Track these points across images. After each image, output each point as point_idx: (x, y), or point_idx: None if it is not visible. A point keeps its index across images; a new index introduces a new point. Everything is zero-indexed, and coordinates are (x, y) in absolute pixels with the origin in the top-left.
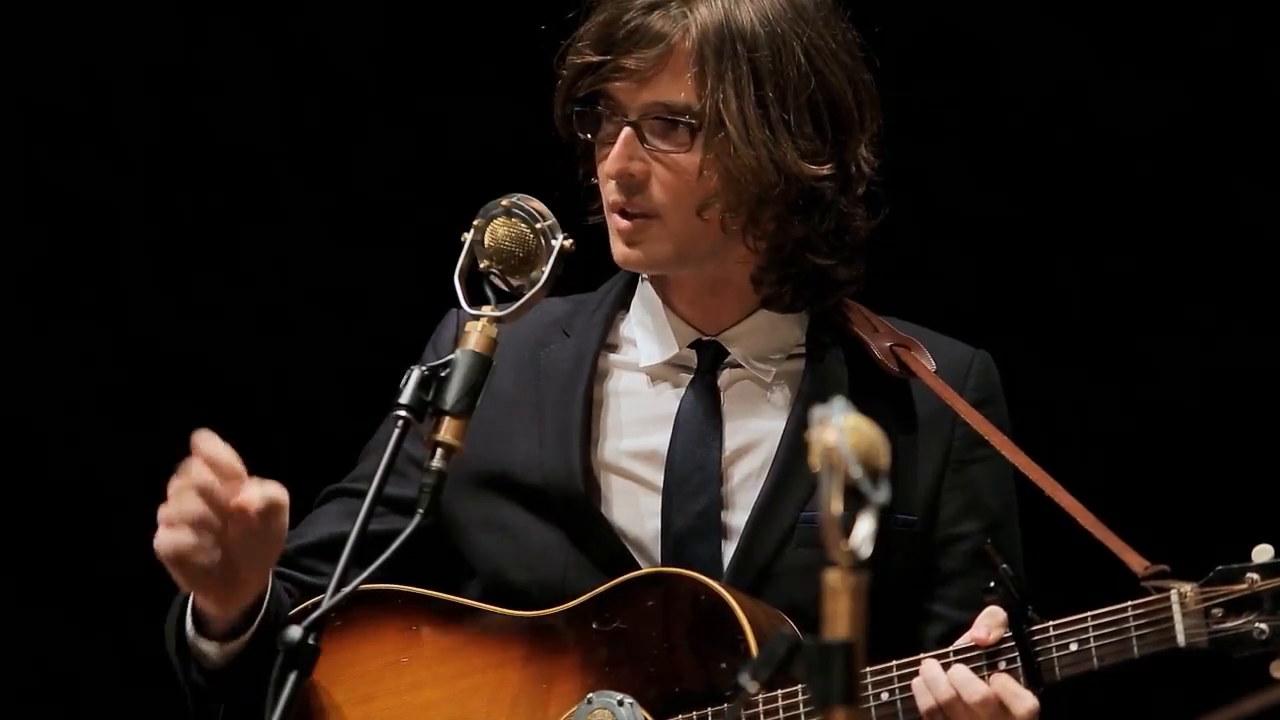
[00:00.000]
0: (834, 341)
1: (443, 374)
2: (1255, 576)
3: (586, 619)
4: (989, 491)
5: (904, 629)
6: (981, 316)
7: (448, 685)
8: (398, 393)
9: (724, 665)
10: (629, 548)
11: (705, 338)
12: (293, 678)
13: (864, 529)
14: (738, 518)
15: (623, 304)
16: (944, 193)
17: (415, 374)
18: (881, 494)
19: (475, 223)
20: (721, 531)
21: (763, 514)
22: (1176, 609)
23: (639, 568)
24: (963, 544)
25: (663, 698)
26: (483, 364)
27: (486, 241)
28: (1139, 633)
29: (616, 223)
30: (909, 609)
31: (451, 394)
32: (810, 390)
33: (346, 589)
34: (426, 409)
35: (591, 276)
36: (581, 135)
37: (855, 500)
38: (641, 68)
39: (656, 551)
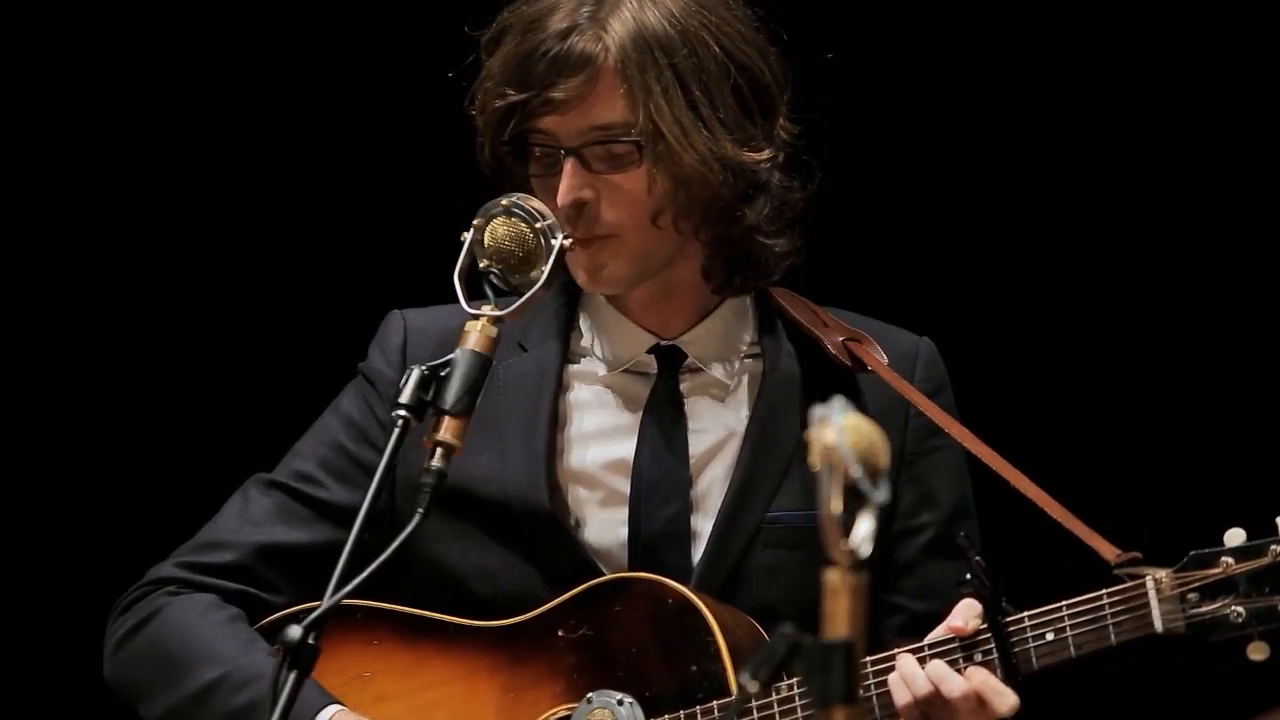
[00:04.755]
0: (784, 339)
1: (442, 374)
2: (1230, 560)
3: (552, 627)
4: (944, 483)
5: (866, 622)
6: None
7: (413, 698)
8: (396, 392)
9: (694, 668)
10: (595, 559)
11: (663, 342)
12: (293, 678)
13: (864, 529)
14: (706, 522)
15: (573, 312)
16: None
17: (415, 373)
18: (881, 494)
19: (475, 222)
20: (691, 537)
21: (730, 517)
22: (1153, 595)
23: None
24: (920, 536)
25: (634, 702)
26: (482, 364)
27: (486, 241)
28: (1115, 620)
29: (578, 250)
30: (870, 602)
31: (451, 393)
32: (768, 390)
33: (346, 588)
34: (426, 409)
35: None
36: (516, 171)
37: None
38: (571, 96)
39: (624, 560)
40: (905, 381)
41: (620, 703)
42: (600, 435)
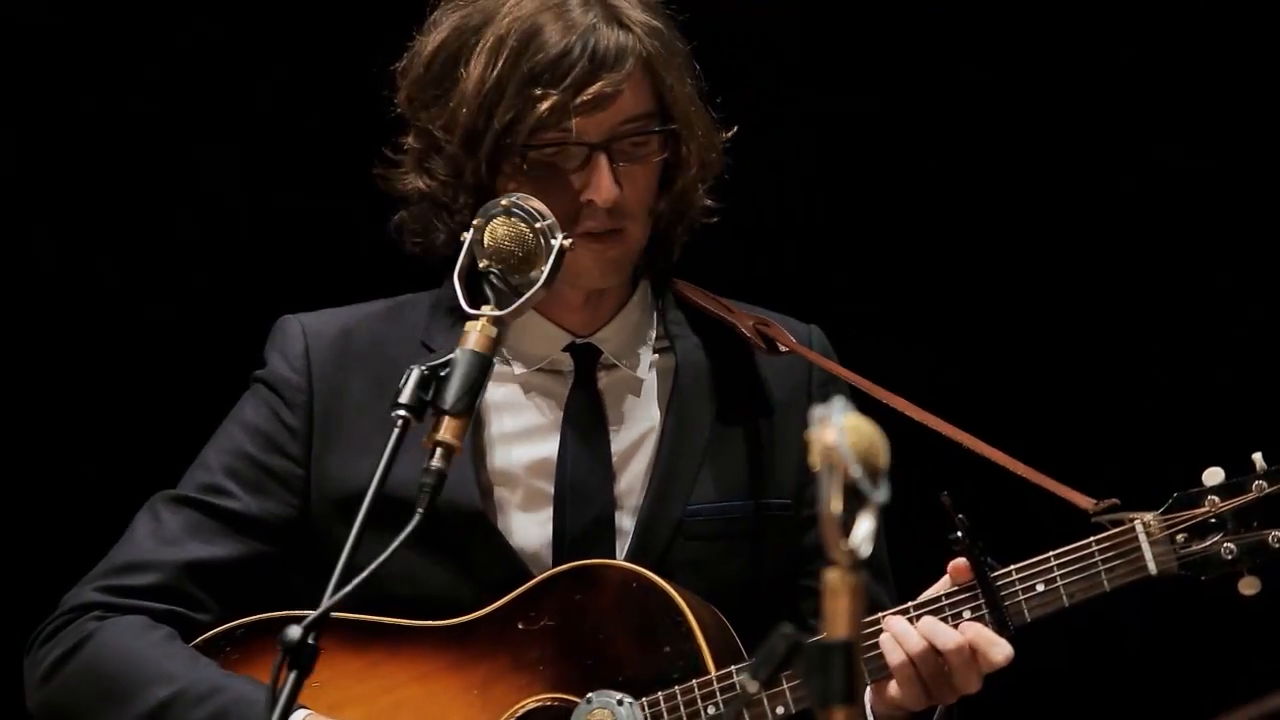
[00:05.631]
0: (689, 330)
1: (442, 373)
2: (1215, 498)
3: (511, 620)
4: None
5: (785, 609)
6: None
7: (369, 704)
8: (396, 392)
9: (667, 649)
10: (521, 558)
11: (579, 340)
12: (292, 678)
13: (864, 529)
14: (629, 519)
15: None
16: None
17: (415, 373)
18: (881, 493)
19: (475, 222)
20: (615, 535)
21: (650, 513)
22: (1143, 538)
23: (531, 576)
24: None
25: (607, 689)
26: (482, 363)
27: (486, 241)
28: (1107, 566)
29: (590, 248)
30: (788, 589)
31: (451, 393)
32: (680, 384)
33: (345, 589)
34: (426, 409)
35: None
36: (507, 178)
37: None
38: (614, 91)
39: (549, 559)
40: (825, 358)
41: (620, 702)
42: (521, 436)
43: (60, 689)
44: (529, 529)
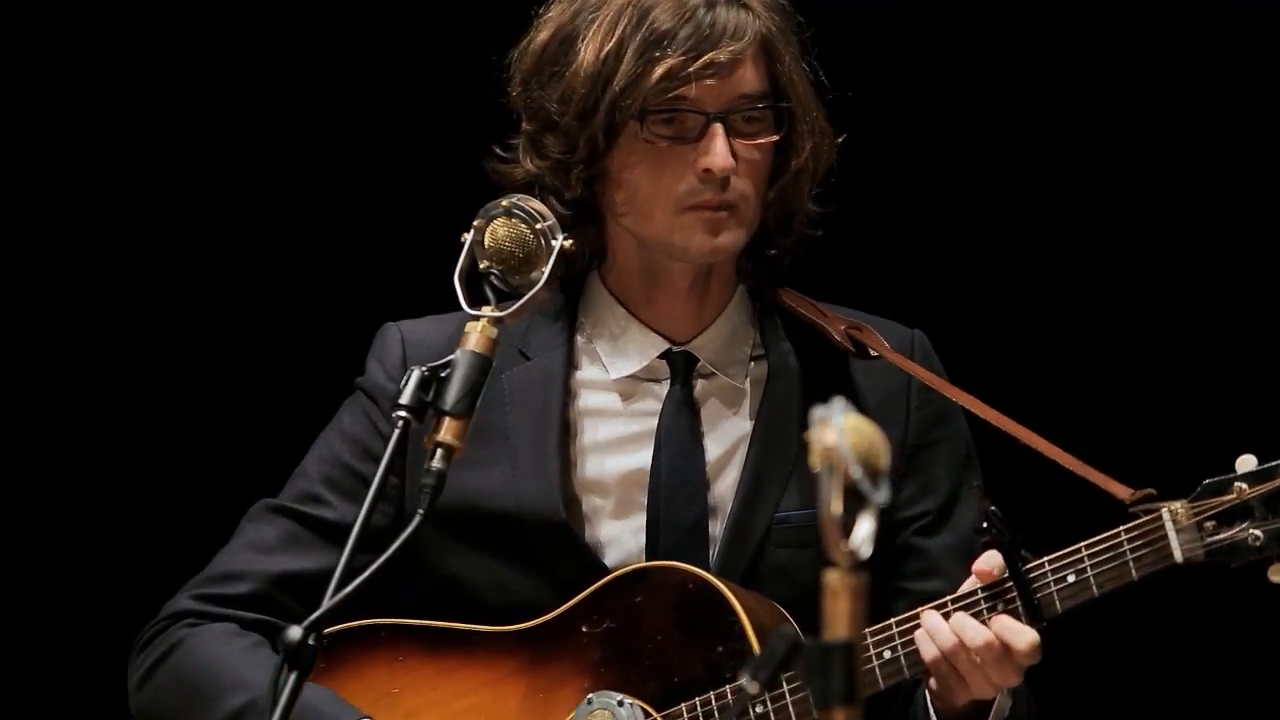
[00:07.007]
0: (784, 336)
1: (443, 374)
2: (1243, 485)
3: (576, 623)
4: (945, 471)
5: (875, 611)
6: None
7: (443, 709)
8: (397, 393)
9: (720, 649)
10: (611, 567)
11: (675, 347)
12: (293, 678)
13: (865, 529)
14: (720, 527)
15: (574, 316)
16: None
17: (415, 374)
18: (881, 494)
19: (475, 223)
20: (709, 542)
21: (738, 520)
22: (1169, 526)
23: None
24: (919, 522)
25: (662, 689)
26: (483, 364)
27: (486, 242)
28: (1135, 555)
29: (703, 217)
30: (877, 590)
31: (452, 394)
32: (771, 391)
33: (347, 589)
34: (426, 410)
35: None
36: (646, 147)
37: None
38: (733, 60)
39: None
40: (910, 361)
41: (620, 703)
42: (615, 444)
43: (150, 695)
44: (623, 537)
